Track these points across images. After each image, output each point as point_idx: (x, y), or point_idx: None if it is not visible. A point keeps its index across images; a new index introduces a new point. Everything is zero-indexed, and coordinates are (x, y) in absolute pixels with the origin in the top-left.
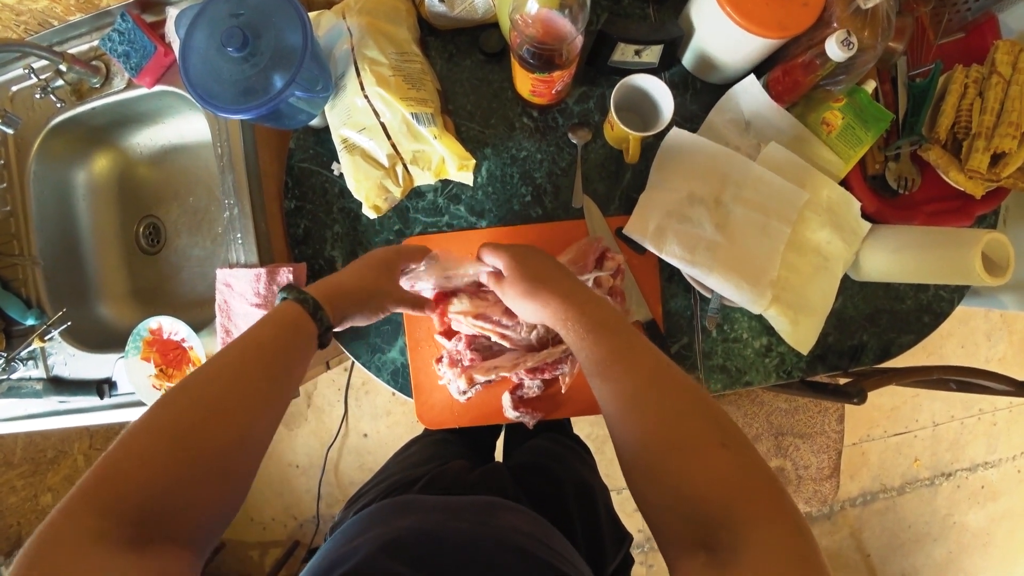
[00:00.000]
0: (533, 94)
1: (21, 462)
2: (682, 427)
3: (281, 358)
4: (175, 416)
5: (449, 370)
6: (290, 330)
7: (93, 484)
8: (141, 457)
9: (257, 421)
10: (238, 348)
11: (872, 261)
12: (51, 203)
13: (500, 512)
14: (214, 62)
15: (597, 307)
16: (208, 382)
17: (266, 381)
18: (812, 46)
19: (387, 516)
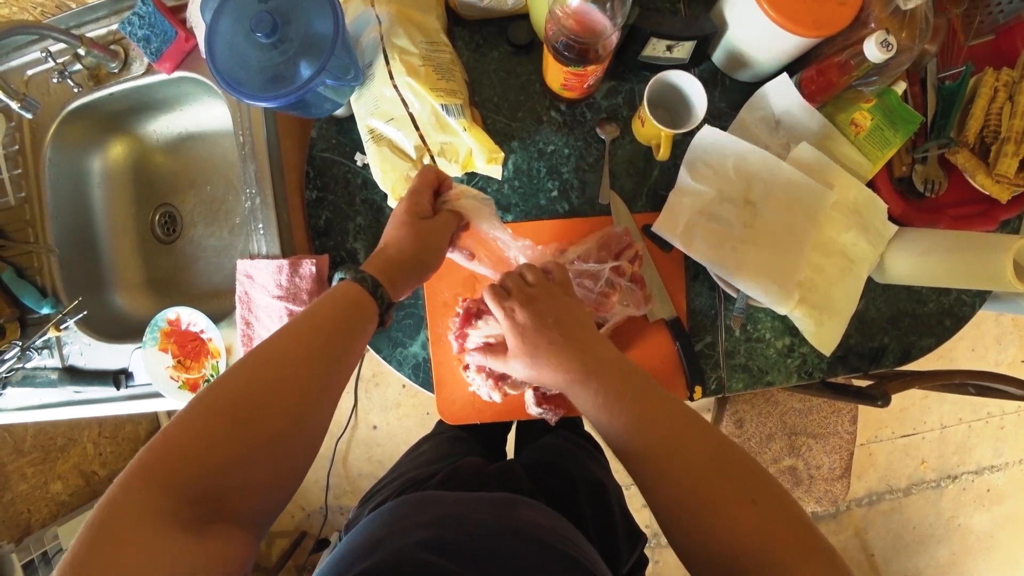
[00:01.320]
0: (564, 88)
1: (31, 450)
2: (713, 484)
3: (340, 339)
4: (233, 396)
5: (477, 376)
6: (350, 310)
7: (152, 461)
8: (199, 435)
9: (315, 403)
10: (297, 329)
11: (898, 264)
12: (66, 190)
13: (520, 507)
14: (241, 48)
15: (611, 374)
16: (266, 363)
17: (324, 362)
18: (848, 46)
19: (408, 511)
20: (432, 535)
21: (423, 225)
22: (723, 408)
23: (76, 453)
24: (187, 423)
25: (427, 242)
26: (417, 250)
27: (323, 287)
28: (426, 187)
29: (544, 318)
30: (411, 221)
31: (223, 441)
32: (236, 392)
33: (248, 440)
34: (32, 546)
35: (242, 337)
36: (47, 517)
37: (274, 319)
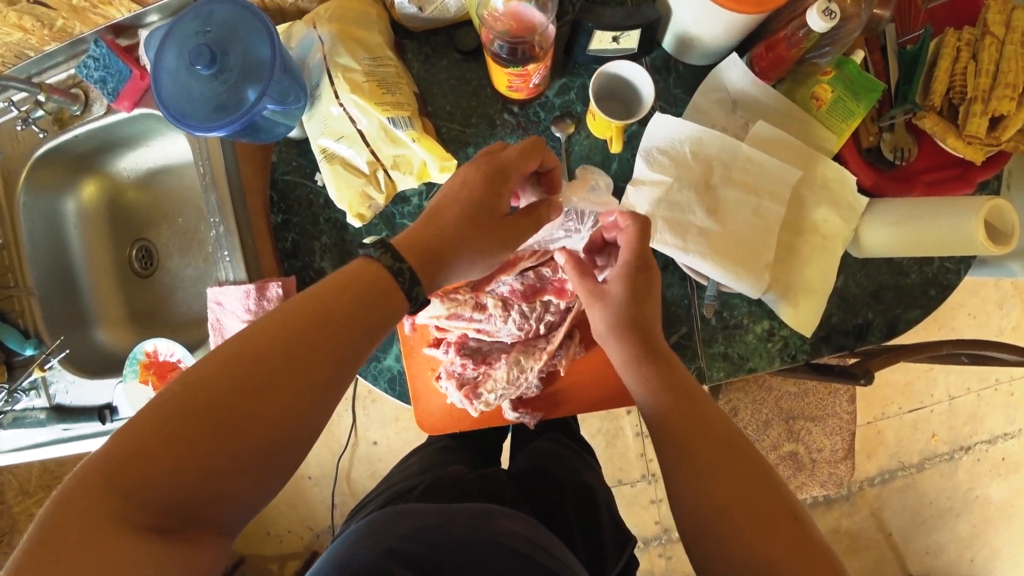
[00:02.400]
0: (511, 89)
1: (37, 490)
2: (758, 495)
3: (356, 339)
4: (215, 398)
5: (449, 383)
6: (376, 309)
7: (117, 462)
8: (170, 440)
9: (312, 411)
10: (301, 318)
11: (872, 236)
12: (43, 233)
13: (497, 518)
14: (185, 81)
15: (676, 365)
16: (258, 358)
17: (331, 366)
18: (794, 18)
19: (384, 524)
20: (405, 548)
21: (496, 229)
22: (716, 397)
23: None
24: (158, 422)
25: (493, 252)
26: (476, 255)
27: None
28: (519, 175)
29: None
30: (483, 219)
31: (198, 450)
32: (219, 393)
33: (228, 452)
34: None
35: None
36: None
37: None
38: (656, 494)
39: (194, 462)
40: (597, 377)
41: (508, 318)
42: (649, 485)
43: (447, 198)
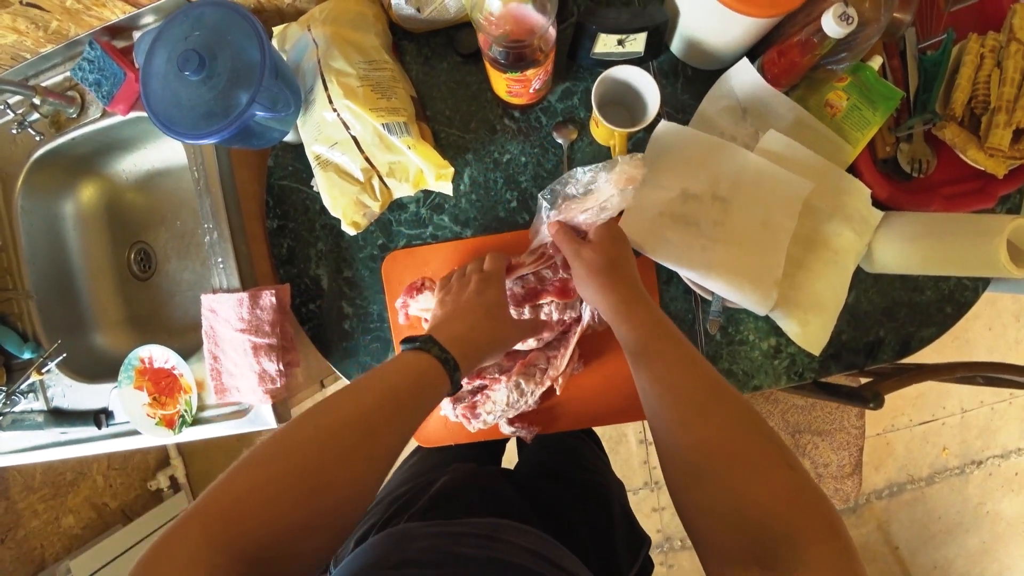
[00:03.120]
0: (511, 95)
1: (41, 486)
2: (749, 441)
3: (414, 415)
4: (306, 460)
5: (446, 402)
6: (428, 390)
7: (215, 513)
8: (268, 500)
9: (380, 475)
10: (375, 396)
11: (886, 252)
12: (41, 236)
13: (504, 533)
14: (174, 87)
15: (661, 315)
16: (341, 428)
17: (397, 436)
18: (808, 23)
19: (390, 549)
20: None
21: (511, 322)
22: None
23: (86, 487)
24: (257, 483)
25: (509, 340)
26: (499, 344)
27: (286, 317)
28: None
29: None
30: (503, 316)
31: (290, 509)
32: (309, 456)
33: (313, 510)
34: None
35: (211, 371)
36: (60, 551)
37: (239, 352)
38: (659, 502)
39: (285, 519)
40: (596, 392)
41: None
42: (652, 493)
43: (469, 303)
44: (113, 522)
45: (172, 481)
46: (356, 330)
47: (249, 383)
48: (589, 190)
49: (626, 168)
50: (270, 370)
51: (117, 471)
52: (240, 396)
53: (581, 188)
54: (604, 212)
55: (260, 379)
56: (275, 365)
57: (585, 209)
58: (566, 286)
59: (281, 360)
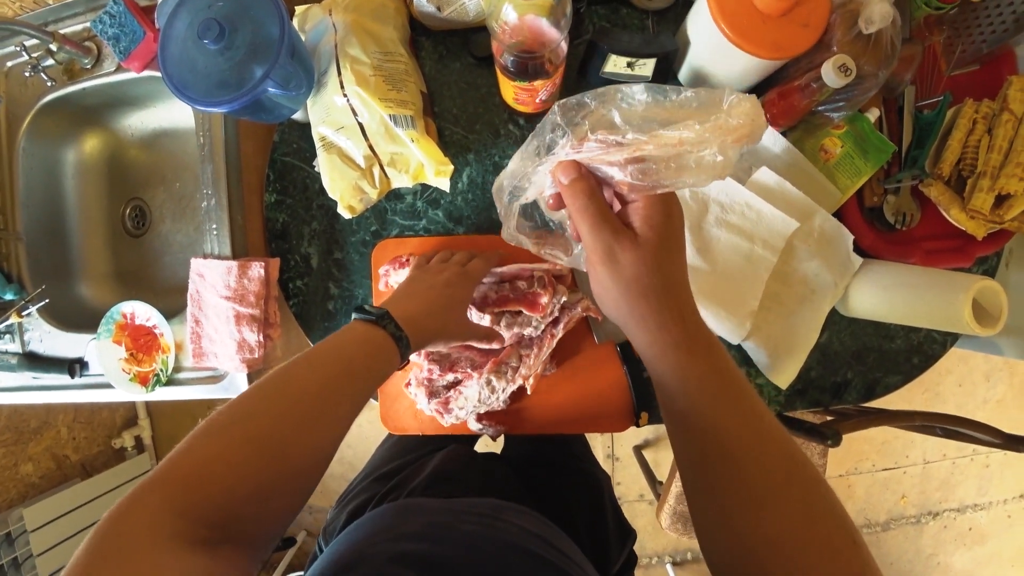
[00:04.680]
0: (517, 102)
1: (3, 430)
2: (822, 525)
3: (368, 385)
4: (267, 426)
5: (419, 391)
6: (383, 364)
7: (178, 481)
8: (231, 463)
9: (336, 441)
10: (333, 367)
11: (860, 297)
12: (39, 180)
13: (505, 514)
14: (191, 53)
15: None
16: (301, 396)
17: (351, 405)
18: (810, 70)
19: (391, 521)
20: (414, 548)
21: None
22: None
23: (49, 436)
24: (218, 449)
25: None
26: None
27: (273, 289)
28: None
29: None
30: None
31: (252, 473)
32: (269, 422)
33: (273, 475)
34: None
35: (191, 334)
36: (15, 498)
37: (221, 319)
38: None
39: (246, 483)
40: (565, 399)
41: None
42: None
43: (434, 290)
44: (72, 475)
45: (137, 441)
46: (339, 312)
47: (227, 350)
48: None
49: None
50: (250, 340)
51: (83, 425)
52: (217, 362)
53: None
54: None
55: (239, 347)
56: (256, 336)
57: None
58: (537, 300)
59: (262, 331)
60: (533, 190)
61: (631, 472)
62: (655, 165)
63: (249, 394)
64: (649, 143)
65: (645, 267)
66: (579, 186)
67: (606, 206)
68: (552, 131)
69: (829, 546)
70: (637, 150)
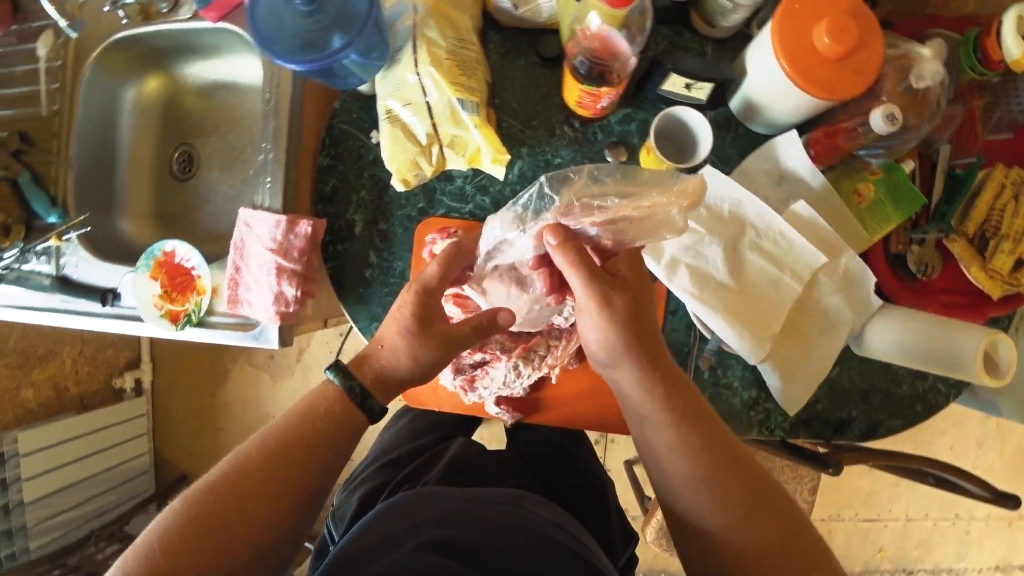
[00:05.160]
0: (579, 105)
1: (11, 352)
2: (800, 541)
3: (319, 454)
4: (207, 508)
5: (447, 371)
6: (331, 424)
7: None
8: (173, 548)
9: (291, 515)
10: (275, 442)
11: (876, 338)
12: (97, 113)
13: (524, 503)
14: (280, 10)
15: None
16: (241, 475)
17: (299, 475)
18: (858, 114)
19: (414, 508)
20: (439, 535)
21: (430, 338)
22: None
23: (54, 365)
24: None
25: (429, 359)
26: (415, 364)
27: (315, 249)
28: (443, 285)
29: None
30: (416, 331)
31: (194, 554)
32: (209, 506)
33: (220, 552)
34: None
35: (229, 281)
36: (11, 420)
37: (262, 270)
38: None
39: (188, 563)
40: (583, 395)
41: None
42: None
43: (388, 317)
44: (69, 407)
45: (137, 384)
46: (375, 280)
47: (264, 300)
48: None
49: (695, 188)
50: (288, 294)
51: (87, 360)
52: (251, 311)
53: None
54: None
55: (276, 299)
56: (294, 291)
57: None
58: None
59: (300, 288)
60: (514, 253)
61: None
62: (631, 224)
63: (202, 479)
64: (628, 207)
65: (638, 307)
66: (569, 244)
67: (593, 261)
68: (540, 198)
69: (809, 560)
70: (617, 212)
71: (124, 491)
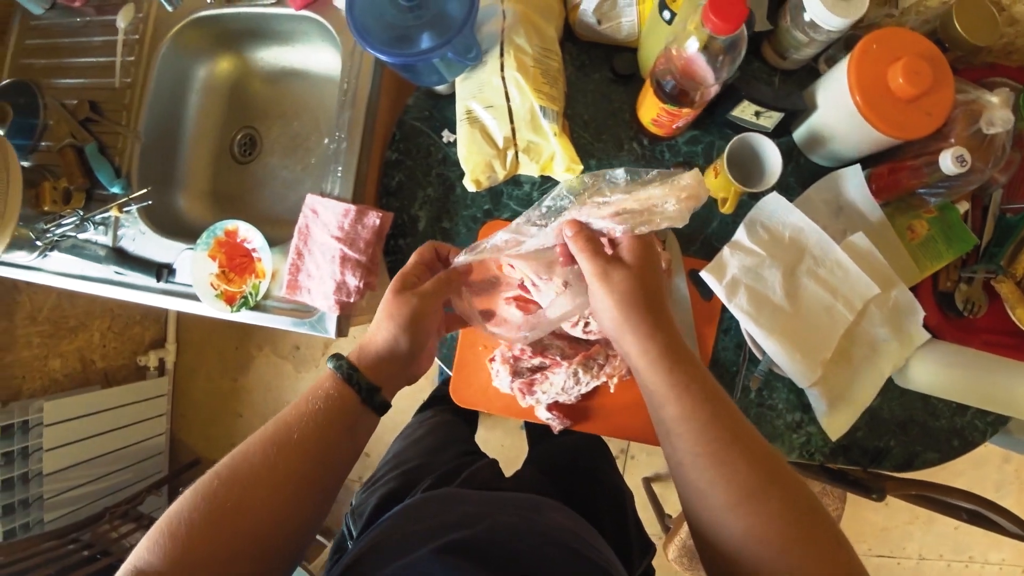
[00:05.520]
0: (654, 123)
1: (44, 321)
2: (805, 522)
3: (321, 435)
4: (210, 494)
5: (502, 367)
6: (325, 402)
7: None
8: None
9: (293, 501)
10: (277, 427)
11: (922, 371)
12: (167, 88)
13: (544, 510)
14: (380, 2)
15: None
16: (244, 461)
17: (299, 461)
18: (924, 155)
19: (435, 509)
20: (458, 538)
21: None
22: None
23: (83, 338)
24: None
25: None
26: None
27: (380, 242)
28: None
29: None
30: (393, 295)
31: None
32: (212, 492)
33: (222, 539)
34: (16, 411)
35: (290, 266)
36: (38, 389)
37: (326, 257)
38: None
39: (194, 550)
40: (634, 406)
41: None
42: None
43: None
44: (93, 381)
45: (160, 363)
46: None
47: (324, 288)
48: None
49: (691, 183)
50: (350, 284)
51: (115, 335)
52: (309, 298)
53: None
54: (642, 222)
55: (338, 288)
56: (356, 281)
57: (621, 210)
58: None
59: (363, 279)
60: (534, 243)
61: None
62: (633, 216)
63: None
64: (629, 200)
65: (637, 284)
66: (582, 233)
67: (601, 246)
68: (561, 200)
69: (814, 544)
70: (620, 206)
71: (138, 470)
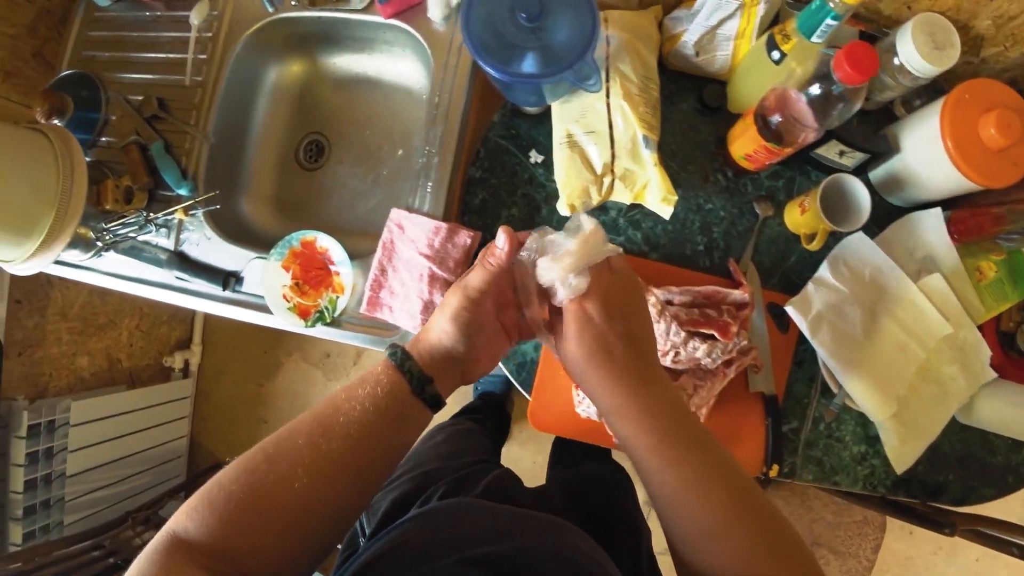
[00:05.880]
0: (748, 158)
1: (75, 318)
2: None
3: (361, 419)
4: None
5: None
6: (371, 384)
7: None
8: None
9: (329, 483)
10: (324, 407)
11: (988, 408)
12: (237, 89)
13: (566, 533)
14: (498, 19)
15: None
16: (289, 436)
17: (340, 441)
18: (1007, 202)
19: (460, 518)
20: (482, 553)
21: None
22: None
23: (111, 336)
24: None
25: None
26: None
27: (469, 261)
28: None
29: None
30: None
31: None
32: (254, 464)
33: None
34: (44, 410)
35: (372, 282)
36: (64, 387)
37: (413, 275)
38: None
39: (230, 523)
40: None
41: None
42: None
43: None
44: (119, 380)
45: (185, 365)
46: None
47: (410, 308)
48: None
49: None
50: (438, 303)
51: (142, 335)
52: (391, 316)
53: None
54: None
55: (425, 308)
56: None
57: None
58: (728, 328)
59: None
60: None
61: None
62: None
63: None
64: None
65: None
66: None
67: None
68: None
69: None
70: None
71: (157, 473)
